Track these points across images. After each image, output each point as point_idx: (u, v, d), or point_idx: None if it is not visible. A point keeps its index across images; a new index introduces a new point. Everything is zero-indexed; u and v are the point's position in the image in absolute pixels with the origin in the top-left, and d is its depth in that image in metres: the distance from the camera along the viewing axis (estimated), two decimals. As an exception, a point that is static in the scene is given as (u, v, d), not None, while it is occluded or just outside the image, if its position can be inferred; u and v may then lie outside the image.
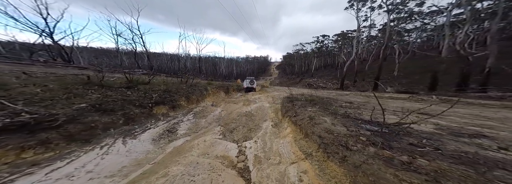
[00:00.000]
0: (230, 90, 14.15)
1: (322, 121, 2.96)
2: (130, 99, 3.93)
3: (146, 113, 3.91)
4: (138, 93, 4.38)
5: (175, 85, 6.61)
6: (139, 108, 3.86)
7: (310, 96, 6.26)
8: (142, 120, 3.76)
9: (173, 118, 4.60)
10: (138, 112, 3.74)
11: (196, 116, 5.35)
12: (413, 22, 19.14)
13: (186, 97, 5.86)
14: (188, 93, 6.29)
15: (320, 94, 10.24)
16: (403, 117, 2.61)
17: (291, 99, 5.60)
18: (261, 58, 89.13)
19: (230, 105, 7.66)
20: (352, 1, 22.40)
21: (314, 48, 44.08)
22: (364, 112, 3.93)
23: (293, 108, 4.39)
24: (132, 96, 4.14)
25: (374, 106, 4.36)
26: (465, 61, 12.26)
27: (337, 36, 39.76)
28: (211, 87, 9.56)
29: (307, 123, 3.06)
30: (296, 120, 3.63)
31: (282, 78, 53.17)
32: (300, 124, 3.30)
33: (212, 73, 38.23)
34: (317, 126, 2.77)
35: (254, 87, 14.18)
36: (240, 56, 71.96)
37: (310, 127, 2.89)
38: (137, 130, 3.48)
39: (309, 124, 3.01)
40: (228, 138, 3.88)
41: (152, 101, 4.18)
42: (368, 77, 28.16)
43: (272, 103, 8.09)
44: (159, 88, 5.28)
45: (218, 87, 11.05)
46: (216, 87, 10.36)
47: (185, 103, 5.68)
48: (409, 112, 2.50)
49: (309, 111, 3.80)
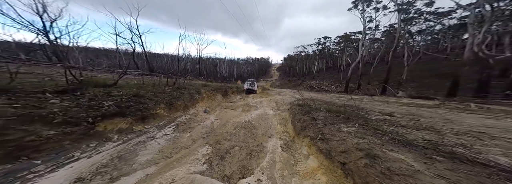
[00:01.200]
0: (228, 93, 12.71)
1: (404, 169, 1.46)
2: (48, 113, 2.44)
3: (78, 133, 2.40)
4: (77, 100, 2.89)
5: (155, 88, 5.14)
6: (61, 126, 2.38)
7: (324, 103, 4.80)
8: (62, 147, 2.25)
9: (139, 134, 3.13)
10: (53, 135, 2.21)
11: (178, 128, 3.88)
12: (423, 23, 17.74)
13: (168, 104, 4.38)
14: (172, 98, 4.82)
15: (330, 99, 8.76)
16: None
17: (306, 109, 4.12)
18: (262, 59, 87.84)
19: (227, 111, 6.20)
20: (357, 2, 21.09)
21: (316, 50, 42.75)
22: (449, 137, 2.40)
23: (315, 124, 2.93)
24: (56, 107, 2.57)
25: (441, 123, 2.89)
26: (484, 64, 10.80)
27: (340, 38, 38.45)
28: (206, 89, 8.10)
29: (363, 166, 1.58)
30: (328, 148, 2.15)
31: (283, 80, 51.81)
32: (344, 161, 1.83)
33: (212, 75, 36.84)
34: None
35: (255, 89, 13.72)
36: (241, 58, 70.71)
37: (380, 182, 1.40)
38: (38, 169, 1.93)
39: (370, 170, 1.53)
40: (216, 170, 2.42)
41: (100, 113, 2.69)
42: (372, 80, 26.71)
43: (276, 110, 6.63)
44: (124, 93, 3.80)
45: (215, 89, 9.59)
46: (212, 90, 8.89)
47: (165, 111, 4.20)
48: None
49: (345, 132, 2.34)
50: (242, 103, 8.35)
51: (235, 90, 15.01)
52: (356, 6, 22.30)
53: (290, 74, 55.92)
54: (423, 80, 20.57)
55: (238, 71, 50.60)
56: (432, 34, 27.24)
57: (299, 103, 5.35)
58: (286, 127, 4.18)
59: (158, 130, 3.54)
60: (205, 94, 7.33)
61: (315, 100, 5.92)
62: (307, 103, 4.88)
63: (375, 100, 9.10)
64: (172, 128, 3.74)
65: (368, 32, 24.20)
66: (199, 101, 6.40)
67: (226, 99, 10.35)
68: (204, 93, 7.28)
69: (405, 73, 19.72)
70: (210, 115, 5.50)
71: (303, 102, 5.06)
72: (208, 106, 6.72)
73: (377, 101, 8.51)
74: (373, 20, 23.32)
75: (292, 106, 5.38)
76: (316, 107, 4.24)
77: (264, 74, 74.64)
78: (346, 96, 12.78)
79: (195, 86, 7.75)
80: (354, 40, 36.26)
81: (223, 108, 6.83)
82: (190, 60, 35.63)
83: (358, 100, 8.95)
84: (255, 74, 57.82)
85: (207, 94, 7.51)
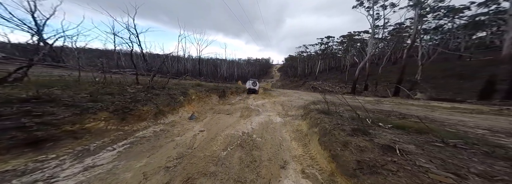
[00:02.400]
0: (227, 94, 11.15)
1: None
2: None
3: None
4: None
5: (109, 88, 3.58)
6: None
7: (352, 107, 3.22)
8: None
9: (14, 174, 1.57)
10: None
11: (129, 151, 2.32)
12: (440, 19, 16.08)
13: (120, 110, 2.78)
14: (132, 102, 3.24)
15: (350, 102, 7.01)
16: None
17: (349, 123, 2.52)
18: (263, 60, 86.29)
19: (220, 117, 4.63)
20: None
21: (318, 50, 41.14)
22: None
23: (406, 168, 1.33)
24: None
25: None
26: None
27: (343, 37, 36.79)
28: (198, 89, 6.54)
29: None
30: None
31: (284, 81, 50.24)
32: None
33: (213, 75, 35.38)
34: None
35: (257, 89, 13.28)
36: (242, 58, 69.29)
37: None
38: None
39: None
40: None
41: None
42: (380, 81, 24.99)
43: (284, 116, 5.05)
44: (15, 97, 2.20)
45: (210, 89, 8.04)
46: (206, 90, 7.34)
47: (113, 123, 2.61)
48: None
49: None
50: (241, 106, 6.78)
51: (235, 91, 13.43)
52: (361, 4, 20.73)
53: (291, 74, 54.31)
54: (438, 81, 18.83)
55: (239, 71, 49.12)
56: (442, 33, 25.51)
57: (320, 109, 3.76)
58: (309, 148, 2.59)
59: (76, 159, 1.94)
60: (195, 95, 5.77)
61: (334, 103, 4.32)
62: (332, 109, 3.28)
63: (401, 103, 7.48)
64: (115, 152, 2.17)
65: (376, 30, 22.52)
66: (185, 104, 4.84)
67: (223, 101, 8.79)
68: (194, 95, 5.72)
69: (419, 73, 18.02)
70: (196, 124, 3.93)
71: (327, 107, 3.45)
72: (197, 110, 5.15)
73: (404, 104, 6.88)
74: (380, 18, 21.69)
75: (311, 113, 3.81)
76: (358, 117, 2.64)
77: (265, 74, 73.11)
78: (360, 98, 11.14)
79: (183, 86, 6.19)
80: (358, 40, 34.60)
81: (216, 112, 5.27)
82: (190, 60, 34.19)
83: (380, 103, 7.34)
84: (256, 75, 56.30)
85: (197, 96, 5.94)
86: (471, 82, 16.00)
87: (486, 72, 13.64)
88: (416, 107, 5.87)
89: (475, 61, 21.17)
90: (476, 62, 20.73)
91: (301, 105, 6.25)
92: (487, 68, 15.77)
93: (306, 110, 4.42)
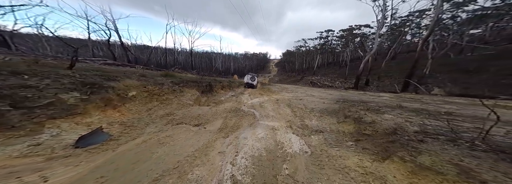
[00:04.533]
0: (216, 88, 8.89)
1: None
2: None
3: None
4: None
5: None
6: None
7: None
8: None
9: None
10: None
11: None
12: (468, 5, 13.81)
13: None
14: None
15: (368, 98, 4.86)
16: None
17: None
18: (260, 54, 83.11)
19: (173, 134, 2.45)
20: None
21: (317, 44, 38.71)
22: None
23: None
24: None
25: None
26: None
27: (343, 31, 34.33)
28: (156, 81, 4.25)
29: None
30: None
31: (282, 76, 48.06)
32: None
33: (207, 69, 32.75)
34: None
35: (255, 84, 12.45)
36: (239, 52, 66.09)
37: None
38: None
39: None
40: None
41: None
42: (382, 75, 23.09)
43: (302, 128, 2.84)
44: None
45: (185, 83, 5.77)
46: (177, 83, 5.07)
47: None
48: None
49: None
50: (229, 106, 4.50)
51: (227, 85, 11.16)
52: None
53: (289, 69, 52.03)
54: (443, 76, 17.14)
55: (236, 65, 46.45)
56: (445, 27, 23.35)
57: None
58: None
59: None
60: (136, 91, 3.47)
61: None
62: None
63: (435, 100, 5.38)
64: None
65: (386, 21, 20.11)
66: (89, 109, 2.59)
67: (207, 99, 6.55)
68: (133, 89, 3.42)
69: (428, 67, 16.10)
70: (76, 160, 1.72)
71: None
72: (130, 119, 2.86)
73: (442, 102, 4.80)
74: (388, 9, 19.26)
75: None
76: None
77: (262, 69, 70.62)
78: (370, 93, 9.08)
79: (114, 75, 3.83)
80: (358, 35, 32.27)
81: (173, 122, 3.03)
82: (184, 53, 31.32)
83: (407, 101, 5.23)
84: (253, 69, 53.77)
85: (146, 91, 3.65)
86: (479, 76, 14.66)
87: (492, 66, 13.03)
88: (465, 106, 3.78)
89: (477, 56, 19.65)
90: (478, 56, 19.25)
91: (321, 107, 4.10)
92: (490, 62, 14.90)
93: (362, 124, 2.28)
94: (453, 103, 4.50)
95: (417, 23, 25.52)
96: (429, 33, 11.68)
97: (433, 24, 11.25)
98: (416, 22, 25.27)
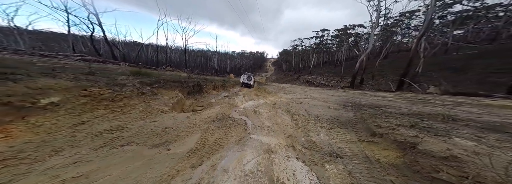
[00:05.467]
0: (207, 88, 8.41)
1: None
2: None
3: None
4: None
5: None
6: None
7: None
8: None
9: None
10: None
11: None
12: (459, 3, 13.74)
13: None
14: None
15: (373, 100, 4.36)
16: None
17: None
18: (258, 53, 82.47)
19: (112, 167, 1.52)
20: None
21: (313, 44, 38.53)
22: None
23: None
24: None
25: None
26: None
27: (338, 31, 34.22)
28: (99, 84, 3.76)
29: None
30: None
31: (279, 75, 47.77)
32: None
33: (203, 67, 32.02)
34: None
35: (251, 83, 12.30)
36: (236, 51, 65.29)
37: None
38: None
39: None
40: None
41: None
42: (376, 74, 23.20)
43: (308, 150, 2.09)
44: None
45: (167, 82, 5.27)
46: (149, 84, 4.58)
47: None
48: None
49: None
50: (216, 112, 3.86)
51: (221, 84, 10.66)
52: (364, -10, 17.95)
53: (285, 68, 51.80)
54: (436, 74, 17.38)
55: (232, 64, 45.81)
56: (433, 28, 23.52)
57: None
58: None
59: None
60: (63, 96, 2.65)
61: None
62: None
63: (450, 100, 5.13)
64: None
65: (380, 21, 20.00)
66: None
67: (195, 101, 6.10)
68: (49, 95, 2.67)
69: (420, 66, 16.15)
70: None
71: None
72: (38, 138, 2.01)
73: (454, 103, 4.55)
74: (381, 9, 19.14)
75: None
76: None
77: (259, 68, 70.11)
78: (370, 93, 8.83)
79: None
80: (352, 34, 32.24)
81: (111, 144, 1.93)
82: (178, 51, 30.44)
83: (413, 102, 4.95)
84: (250, 68, 53.23)
85: (75, 95, 2.71)
86: (465, 74, 15.00)
87: (475, 65, 13.68)
88: (483, 108, 3.50)
89: (461, 55, 20.06)
90: (462, 56, 19.67)
91: (329, 114, 3.37)
92: (474, 61, 15.39)
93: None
94: (463, 104, 4.15)
95: (407, 23, 25.73)
96: (423, 32, 11.53)
97: (427, 23, 11.09)
98: (406, 22, 25.45)
